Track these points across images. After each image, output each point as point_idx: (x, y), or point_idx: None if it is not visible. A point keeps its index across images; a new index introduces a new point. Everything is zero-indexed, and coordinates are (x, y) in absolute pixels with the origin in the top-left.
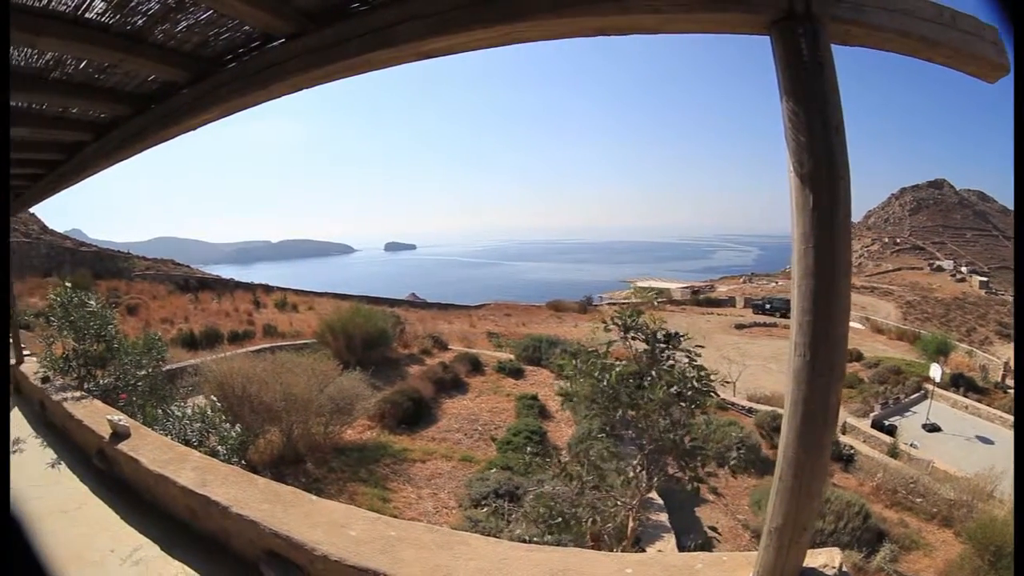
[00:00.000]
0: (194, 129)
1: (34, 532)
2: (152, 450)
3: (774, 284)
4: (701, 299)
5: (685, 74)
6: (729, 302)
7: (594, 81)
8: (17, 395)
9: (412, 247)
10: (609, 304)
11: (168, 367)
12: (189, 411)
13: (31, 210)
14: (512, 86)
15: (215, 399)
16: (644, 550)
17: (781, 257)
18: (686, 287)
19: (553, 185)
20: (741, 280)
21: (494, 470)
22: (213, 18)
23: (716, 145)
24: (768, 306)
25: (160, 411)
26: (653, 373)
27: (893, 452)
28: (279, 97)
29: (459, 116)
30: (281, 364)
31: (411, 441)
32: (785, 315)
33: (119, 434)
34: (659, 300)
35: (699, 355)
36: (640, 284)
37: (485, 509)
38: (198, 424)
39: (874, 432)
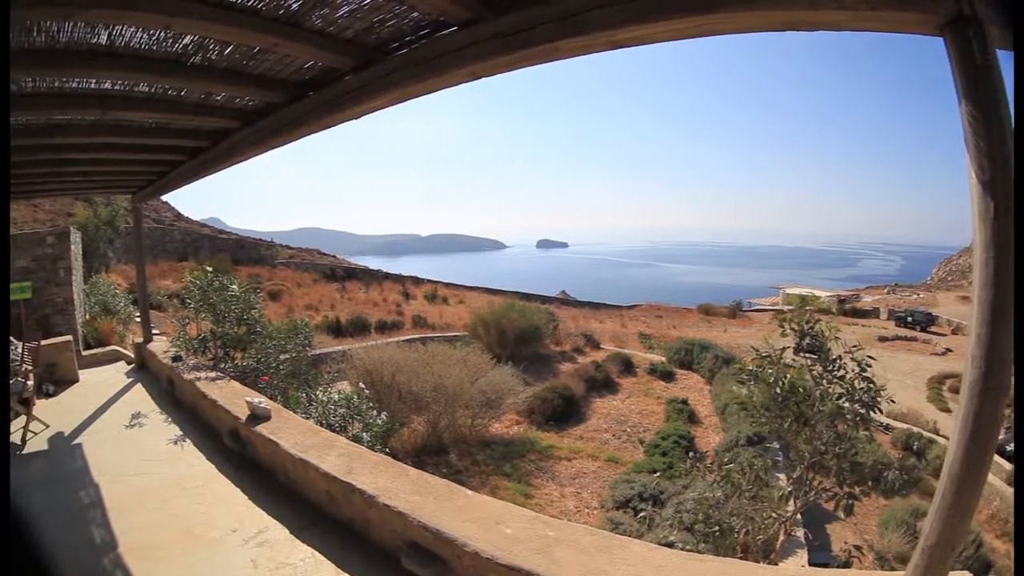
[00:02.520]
0: (358, 117)
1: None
2: (294, 433)
3: (916, 296)
4: (847, 309)
5: (831, 80)
6: (873, 313)
7: (745, 85)
8: (142, 371)
9: (564, 245)
10: (758, 311)
11: (313, 352)
12: (336, 396)
13: (163, 198)
14: (666, 85)
15: (363, 386)
16: (776, 564)
17: (925, 268)
18: (832, 295)
19: (703, 187)
20: (884, 291)
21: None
22: (378, 3)
23: (865, 151)
24: (910, 319)
25: (304, 395)
26: (824, 382)
27: (1012, 480)
28: (456, 85)
29: (614, 115)
30: (432, 355)
31: (558, 439)
32: (925, 329)
33: (258, 416)
34: (808, 308)
35: (870, 366)
36: (789, 291)
37: (639, 513)
38: (343, 410)
39: (997, 458)
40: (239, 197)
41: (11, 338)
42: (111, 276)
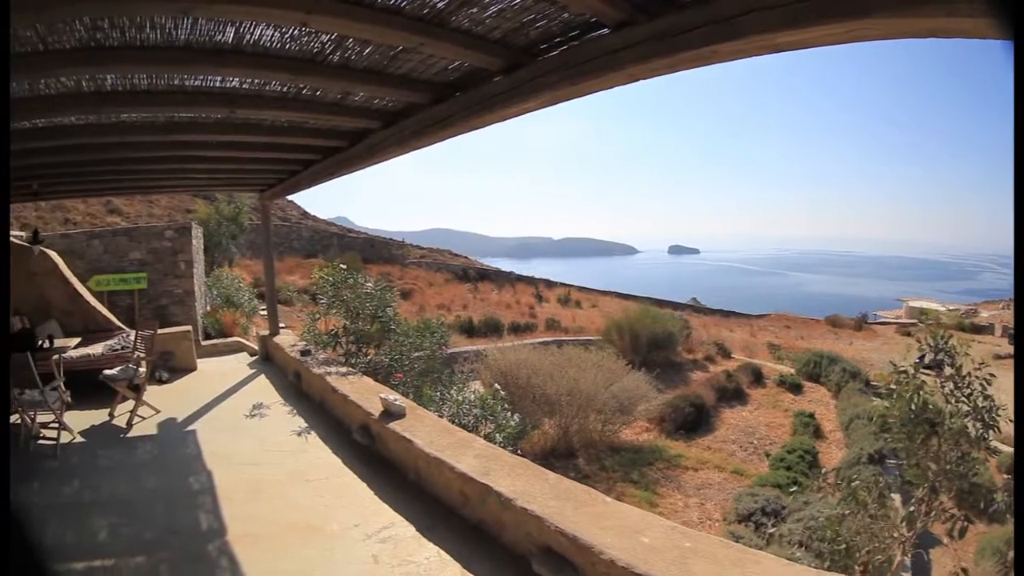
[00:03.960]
0: (509, 118)
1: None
2: (429, 432)
3: None
4: (965, 324)
5: (962, 89)
6: (988, 329)
7: (877, 93)
8: (266, 363)
9: (695, 251)
10: (882, 323)
11: (446, 351)
12: (471, 396)
13: (289, 197)
14: (795, 94)
15: (497, 387)
16: None
17: None
18: (953, 309)
19: (831, 195)
20: (1001, 306)
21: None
22: (528, 3)
23: (982, 160)
24: None
25: (437, 393)
26: (953, 400)
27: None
28: (611, 87)
29: (745, 122)
30: (568, 358)
31: (686, 448)
32: None
33: (391, 413)
34: (928, 322)
35: (990, 383)
36: (912, 304)
37: (759, 528)
38: (477, 410)
39: None
40: (366, 197)
41: (123, 326)
42: (234, 270)
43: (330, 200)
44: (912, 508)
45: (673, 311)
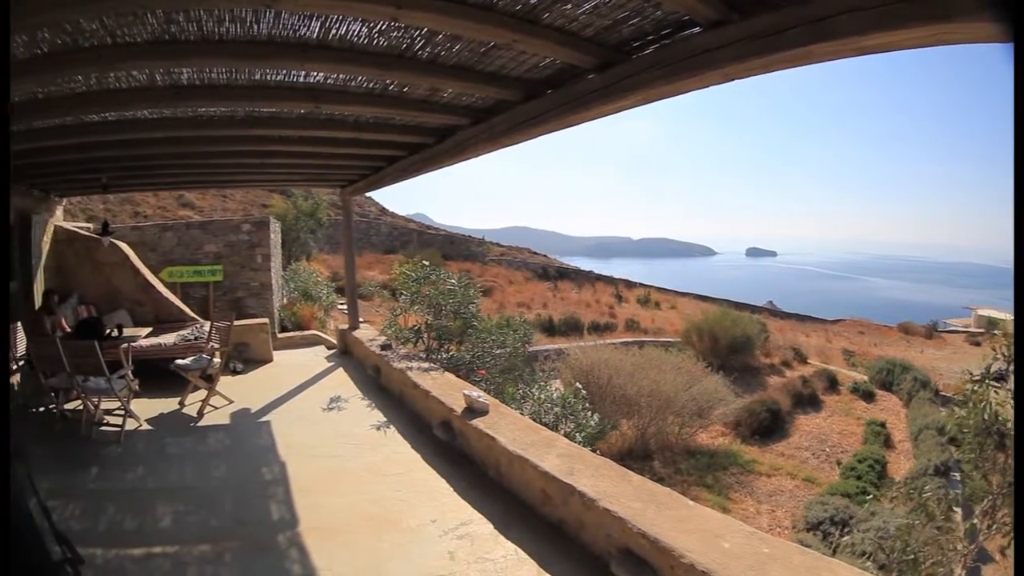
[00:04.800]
0: (601, 117)
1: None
2: (513, 430)
3: None
4: None
5: None
6: None
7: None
8: (344, 357)
9: (772, 254)
10: (951, 332)
11: (529, 349)
12: (553, 395)
13: (367, 194)
14: (872, 98)
15: (579, 386)
16: None
17: None
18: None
19: (905, 200)
20: None
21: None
22: (621, 1)
23: None
24: None
25: (519, 391)
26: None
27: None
28: (707, 87)
29: (819, 126)
30: (648, 359)
31: (760, 453)
32: None
33: (475, 410)
34: (997, 331)
35: None
36: (981, 312)
37: (827, 537)
38: (557, 409)
39: None
40: (445, 194)
41: (196, 317)
42: (312, 264)
43: (408, 197)
44: (975, 521)
45: (751, 314)
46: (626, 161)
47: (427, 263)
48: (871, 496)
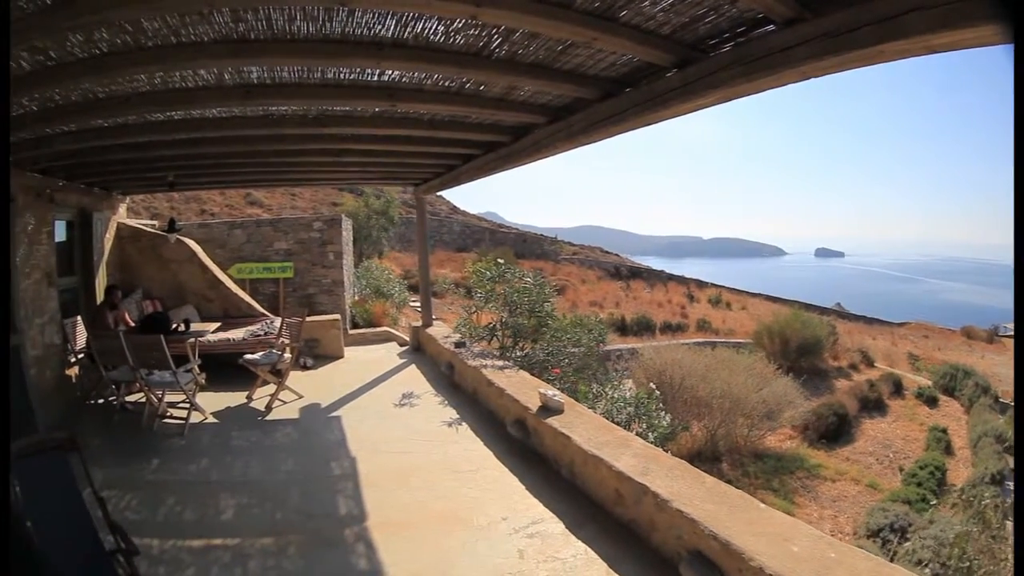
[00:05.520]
0: (683, 114)
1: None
2: (588, 429)
3: None
4: None
5: None
6: None
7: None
8: (417, 354)
9: (840, 255)
10: (1011, 336)
11: (603, 348)
12: (628, 394)
13: (439, 192)
14: (941, 99)
15: (653, 386)
16: None
17: None
18: None
19: (975, 200)
20: None
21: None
22: None
23: None
24: None
25: (593, 390)
26: None
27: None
28: (784, 85)
29: (884, 126)
30: (720, 360)
31: (826, 457)
32: None
33: (550, 408)
34: None
35: None
36: None
37: (885, 544)
38: (631, 408)
39: None
40: (516, 192)
41: (266, 313)
42: (384, 262)
43: (480, 195)
44: None
45: (820, 316)
46: (697, 160)
47: (501, 261)
48: (934, 504)
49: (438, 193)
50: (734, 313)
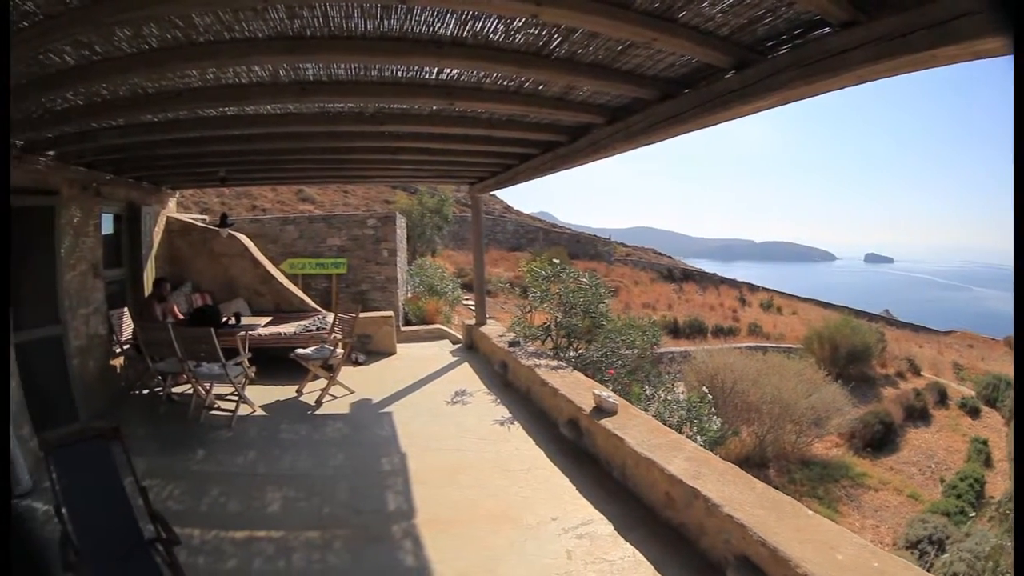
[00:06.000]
0: (742, 116)
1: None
2: (641, 431)
3: None
4: None
5: None
6: None
7: None
8: (469, 352)
9: (889, 260)
10: None
11: (656, 351)
12: (681, 397)
13: (492, 192)
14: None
15: (705, 390)
16: None
17: None
18: None
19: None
20: None
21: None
22: (755, 0)
23: None
24: None
25: (646, 392)
26: None
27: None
28: (841, 88)
29: (938, 131)
30: (771, 365)
31: (871, 466)
32: None
33: (603, 409)
34: None
35: None
36: None
37: (922, 556)
38: (683, 412)
39: None
40: (570, 192)
41: (318, 308)
42: (437, 260)
43: (534, 194)
44: None
45: (869, 322)
46: (749, 163)
47: (557, 261)
48: (972, 516)
49: (492, 192)
50: (785, 317)
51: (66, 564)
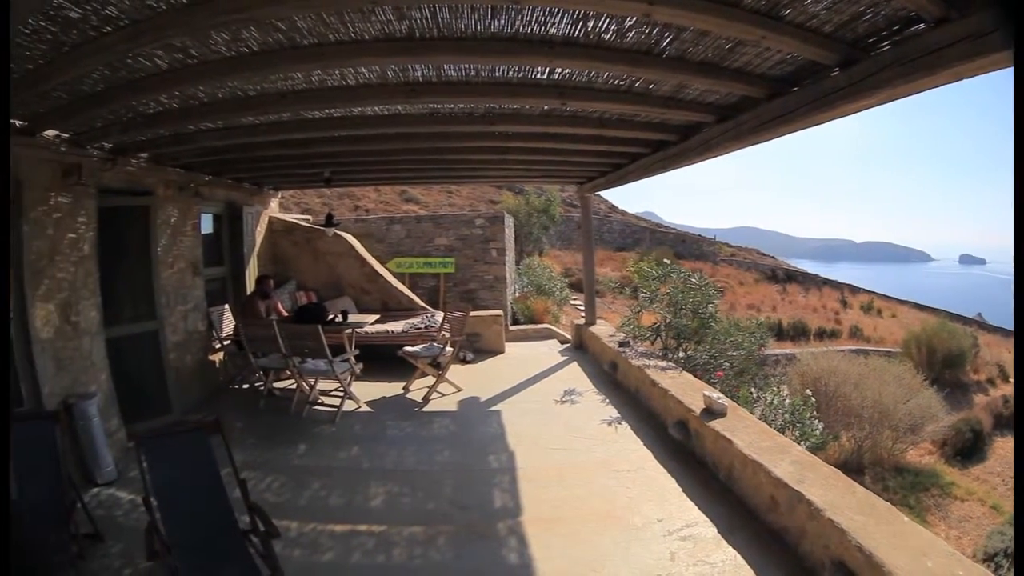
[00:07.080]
0: (849, 114)
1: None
2: (749, 434)
3: None
4: None
5: None
6: None
7: None
8: (578, 352)
9: (982, 262)
10: None
11: (763, 353)
12: (787, 400)
13: (599, 192)
14: None
15: (809, 393)
16: None
17: None
18: None
19: None
20: None
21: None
22: None
23: None
24: None
25: (752, 394)
26: None
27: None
28: (940, 86)
29: None
30: (872, 369)
31: (959, 475)
32: None
33: (713, 411)
34: None
35: None
36: None
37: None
38: (786, 415)
39: None
40: (672, 192)
41: (426, 306)
42: (544, 260)
43: (637, 194)
44: None
45: (963, 326)
46: (859, 160)
47: (667, 261)
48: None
49: (597, 192)
50: (884, 320)
51: (151, 553)
